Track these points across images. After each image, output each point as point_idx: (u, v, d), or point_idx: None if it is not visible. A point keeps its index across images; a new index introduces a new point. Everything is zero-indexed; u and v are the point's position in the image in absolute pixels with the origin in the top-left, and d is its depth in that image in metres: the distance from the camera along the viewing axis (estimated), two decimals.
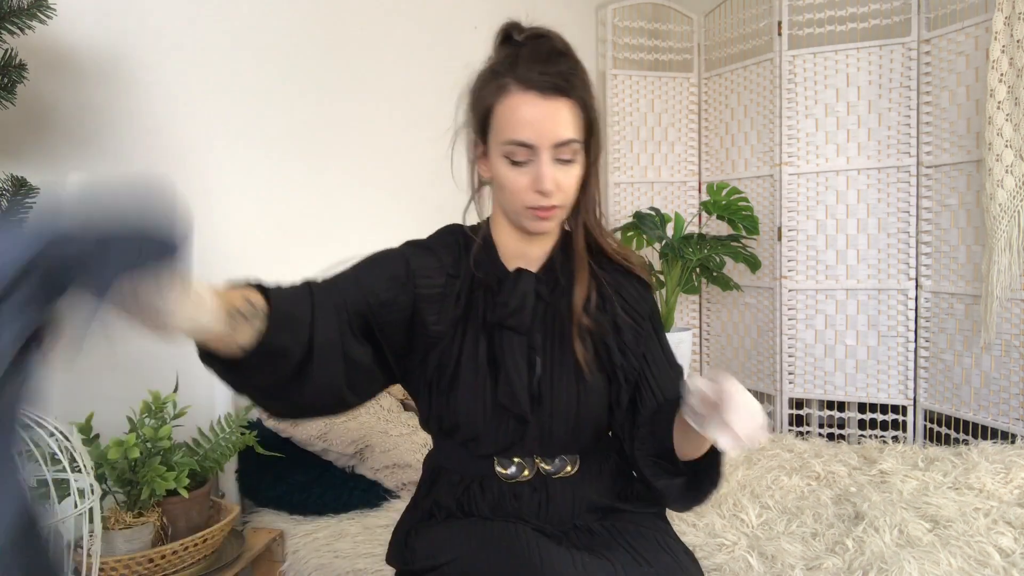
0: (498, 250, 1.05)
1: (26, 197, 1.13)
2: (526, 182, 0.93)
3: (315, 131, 2.00)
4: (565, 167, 0.94)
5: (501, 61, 0.95)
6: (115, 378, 1.53)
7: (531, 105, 0.91)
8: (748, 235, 2.74)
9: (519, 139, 0.92)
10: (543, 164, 0.91)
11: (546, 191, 0.92)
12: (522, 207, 0.96)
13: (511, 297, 1.00)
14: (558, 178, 0.93)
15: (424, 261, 1.02)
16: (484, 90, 0.96)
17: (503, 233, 1.05)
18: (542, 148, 0.91)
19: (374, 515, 1.64)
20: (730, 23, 3.07)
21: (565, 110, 0.92)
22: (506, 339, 0.99)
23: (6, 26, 1.09)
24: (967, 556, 1.32)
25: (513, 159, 0.93)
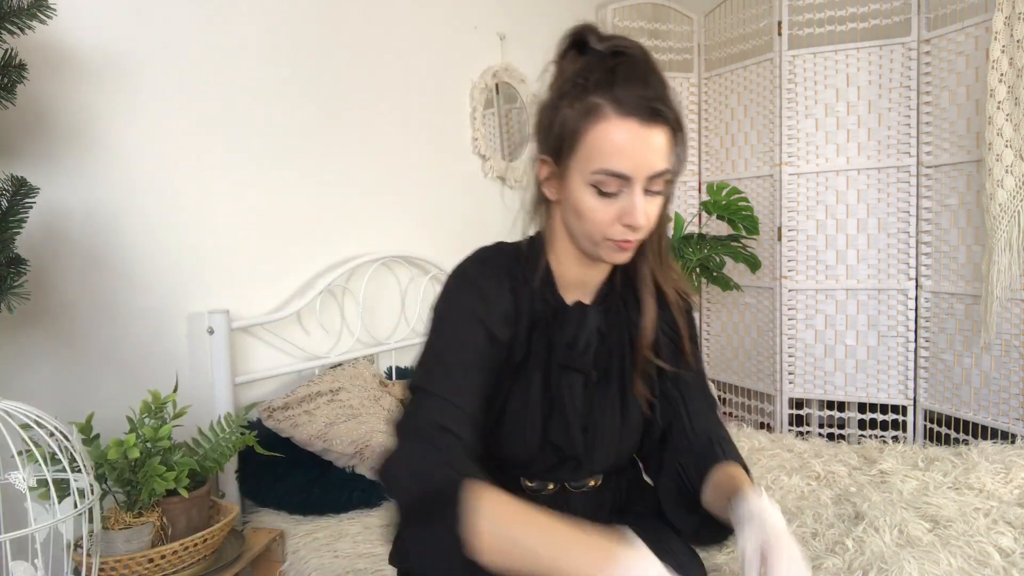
0: (555, 279, 0.97)
1: (26, 197, 1.13)
2: (613, 214, 0.85)
3: (314, 131, 2.00)
4: (653, 198, 0.86)
5: (589, 76, 0.84)
6: (115, 378, 1.53)
7: (630, 134, 0.82)
8: (748, 235, 2.74)
9: (615, 170, 0.83)
10: (636, 196, 0.84)
11: (638, 226, 0.85)
12: (602, 239, 0.88)
13: (578, 338, 0.95)
14: (647, 210, 0.85)
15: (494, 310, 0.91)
16: (571, 109, 0.85)
17: (564, 261, 0.96)
18: (637, 180, 0.83)
19: (374, 515, 1.64)
20: (730, 23, 3.07)
21: (663, 138, 0.84)
22: (565, 378, 0.95)
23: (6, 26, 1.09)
24: (967, 556, 1.32)
25: (603, 189, 0.84)
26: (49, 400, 1.39)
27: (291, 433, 1.67)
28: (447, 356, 0.88)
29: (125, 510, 1.26)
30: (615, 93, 0.82)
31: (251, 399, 1.77)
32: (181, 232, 1.66)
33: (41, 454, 1.00)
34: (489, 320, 0.89)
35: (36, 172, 1.35)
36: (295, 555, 1.52)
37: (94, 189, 1.49)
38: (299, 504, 1.64)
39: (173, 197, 1.65)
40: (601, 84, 0.83)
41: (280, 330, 1.89)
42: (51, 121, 1.42)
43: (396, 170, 2.28)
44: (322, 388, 1.81)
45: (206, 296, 1.72)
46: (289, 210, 1.93)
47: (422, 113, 2.38)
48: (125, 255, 1.55)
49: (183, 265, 1.67)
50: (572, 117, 0.84)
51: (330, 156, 2.05)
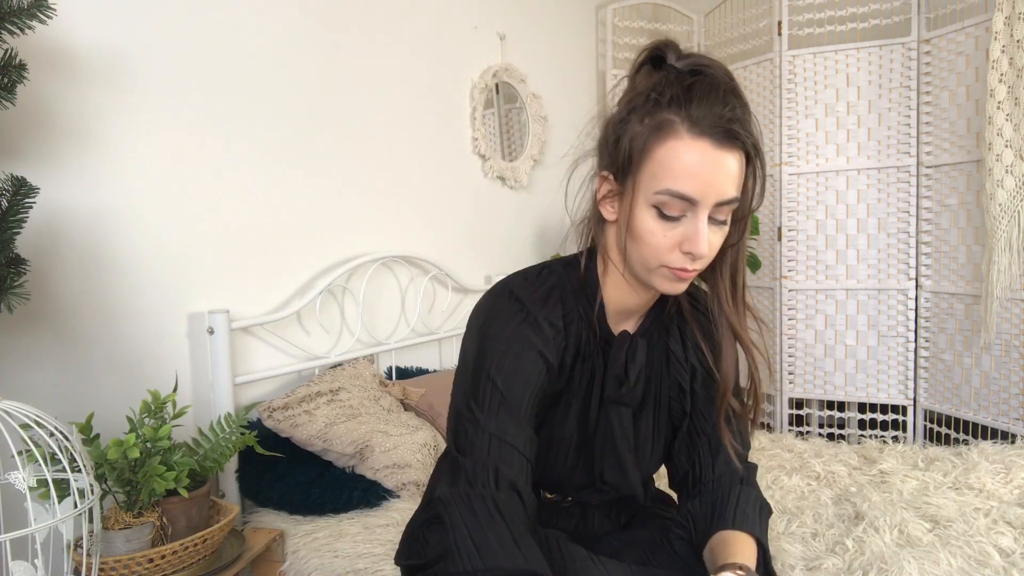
0: (606, 308, 0.93)
1: (26, 197, 1.13)
2: (674, 239, 0.80)
3: (314, 131, 2.00)
4: (718, 227, 0.82)
5: (664, 92, 0.79)
6: (115, 378, 1.53)
7: (702, 154, 0.77)
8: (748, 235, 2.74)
9: (682, 192, 0.78)
10: (700, 222, 0.79)
11: (700, 254, 0.79)
12: (659, 265, 0.82)
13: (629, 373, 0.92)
14: (711, 239, 0.81)
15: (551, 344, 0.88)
16: (640, 124, 0.80)
17: (615, 287, 0.91)
18: (703, 205, 0.78)
19: (374, 515, 1.64)
20: (730, 23, 3.07)
21: (736, 164, 0.79)
22: (614, 413, 0.93)
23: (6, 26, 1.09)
24: (967, 556, 1.32)
25: (665, 212, 0.79)
26: (49, 400, 1.39)
27: (291, 433, 1.67)
28: (505, 388, 0.83)
29: (125, 510, 1.26)
30: (690, 111, 0.77)
31: (251, 399, 1.77)
32: (181, 232, 1.66)
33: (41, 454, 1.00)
34: (545, 350, 0.86)
35: (36, 172, 1.35)
36: (295, 555, 1.52)
37: (94, 189, 1.49)
38: (299, 504, 1.64)
39: (173, 197, 1.65)
40: (675, 100, 0.78)
41: (280, 330, 1.89)
42: (51, 121, 1.42)
43: (396, 170, 2.28)
44: (322, 388, 1.81)
45: (206, 296, 1.72)
46: (289, 210, 1.93)
47: (422, 113, 2.38)
48: (125, 255, 1.55)
49: (183, 265, 1.67)
50: (641, 133, 0.80)
51: (330, 156, 2.05)
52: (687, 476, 1.00)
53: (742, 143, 0.79)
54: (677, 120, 0.78)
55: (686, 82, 0.79)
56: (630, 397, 0.93)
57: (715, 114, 0.77)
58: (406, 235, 2.31)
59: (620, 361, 0.92)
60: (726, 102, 0.78)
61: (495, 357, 0.84)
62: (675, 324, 0.98)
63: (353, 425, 1.72)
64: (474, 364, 0.86)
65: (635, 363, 0.92)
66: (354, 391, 1.86)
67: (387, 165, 2.24)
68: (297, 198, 1.95)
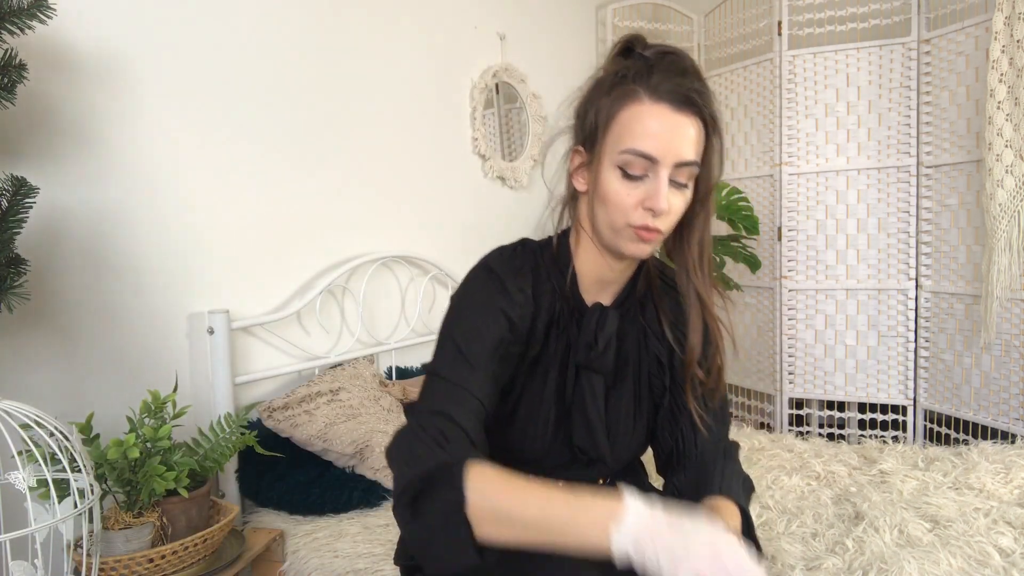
0: (578, 278, 0.98)
1: (26, 197, 1.13)
2: (637, 197, 0.86)
3: (314, 131, 2.01)
4: (678, 191, 0.87)
5: (630, 69, 0.87)
6: (115, 378, 1.53)
7: (660, 117, 0.84)
8: (748, 235, 2.74)
9: (642, 150, 0.84)
10: (660, 180, 0.85)
11: (659, 209, 0.85)
12: (624, 224, 0.88)
13: (599, 339, 0.95)
14: (672, 201, 0.86)
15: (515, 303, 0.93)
16: (607, 96, 0.88)
17: (587, 259, 0.97)
18: (663, 164, 0.85)
19: (374, 515, 1.64)
20: (730, 23, 3.07)
21: (693, 128, 0.86)
22: (585, 379, 0.96)
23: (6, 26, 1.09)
24: (967, 556, 1.32)
25: (628, 171, 0.86)
26: (49, 400, 1.39)
27: (291, 433, 1.67)
28: (463, 343, 0.88)
29: (125, 510, 1.26)
30: (651, 80, 0.85)
31: (251, 399, 1.77)
32: (181, 232, 1.66)
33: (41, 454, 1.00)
34: (509, 310, 0.91)
35: (36, 172, 1.35)
36: (295, 555, 1.52)
37: (94, 189, 1.49)
38: (299, 504, 1.64)
39: (173, 197, 1.65)
40: (639, 74, 0.86)
41: (280, 330, 1.89)
42: (51, 121, 1.42)
43: (396, 170, 2.28)
44: (322, 388, 1.81)
45: (206, 296, 1.72)
46: (289, 210, 1.93)
47: (422, 113, 2.38)
48: (125, 255, 1.55)
49: (183, 265, 1.67)
50: (606, 103, 0.87)
51: (330, 156, 2.05)
52: (671, 453, 1.02)
53: (700, 112, 0.86)
54: (640, 89, 0.85)
55: (650, 61, 0.87)
56: (600, 363, 0.95)
57: (674, 83, 0.84)
58: (406, 235, 2.31)
59: (591, 328, 0.95)
60: (685, 75, 0.85)
61: (460, 321, 0.91)
62: (651, 301, 1.01)
63: (353, 425, 1.72)
64: (441, 331, 0.92)
65: (604, 331, 0.95)
66: (354, 391, 1.86)
67: (387, 165, 2.24)
68: (297, 198, 1.95)
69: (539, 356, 0.96)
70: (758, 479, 1.79)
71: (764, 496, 1.69)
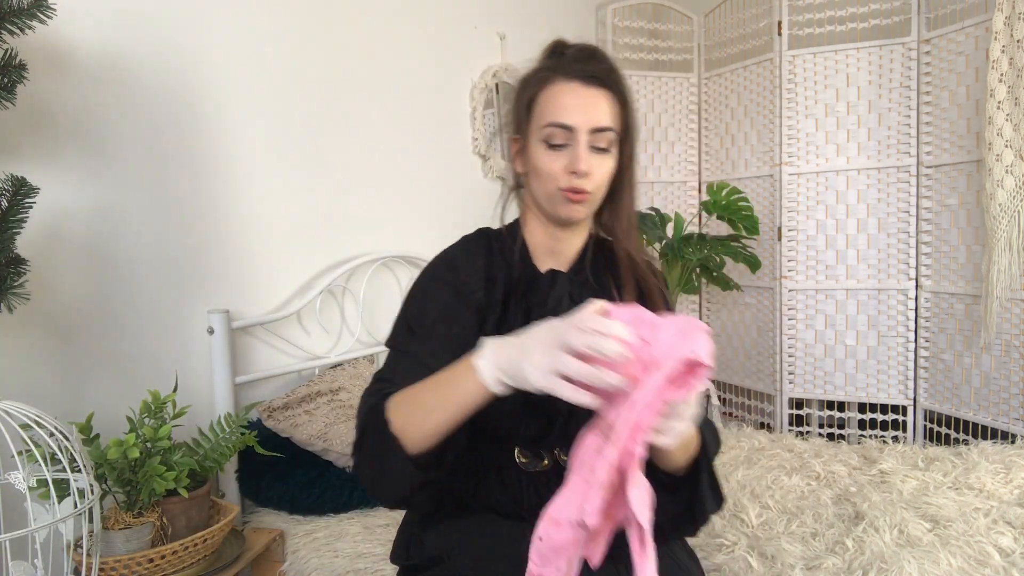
0: (530, 250, 1.07)
1: (26, 197, 1.13)
2: (563, 164, 0.97)
3: (313, 131, 2.01)
4: (600, 155, 0.98)
5: (548, 63, 1.00)
6: (115, 378, 1.53)
7: (572, 92, 0.96)
8: (748, 235, 2.74)
9: (560, 121, 0.96)
10: (580, 146, 0.96)
11: (581, 171, 0.95)
12: (555, 189, 0.98)
13: (548, 300, 1.02)
14: (592, 164, 0.97)
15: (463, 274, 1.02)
16: (528, 83, 1.01)
17: (535, 231, 1.07)
18: (580, 131, 0.96)
19: (374, 515, 1.64)
20: (730, 23, 3.07)
21: (604, 100, 0.97)
22: None
23: (6, 26, 1.09)
24: (967, 556, 1.32)
25: (551, 142, 0.97)
26: (49, 400, 1.39)
27: (291, 433, 1.67)
28: (412, 318, 1.00)
29: (125, 510, 1.26)
30: (563, 64, 0.98)
31: (251, 399, 1.77)
32: (181, 232, 1.67)
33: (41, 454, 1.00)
34: (455, 281, 1.01)
35: (36, 172, 1.35)
36: (295, 555, 1.52)
37: (94, 189, 1.49)
38: (299, 504, 1.64)
39: (173, 197, 1.65)
40: (555, 63, 0.99)
41: (280, 330, 1.89)
42: (51, 121, 1.42)
43: (396, 170, 2.28)
44: (322, 388, 1.81)
45: (206, 296, 1.72)
46: (289, 210, 1.93)
47: (422, 113, 2.38)
48: (125, 255, 1.55)
49: (183, 265, 1.67)
50: (529, 91, 1.00)
51: (330, 156, 2.05)
52: None
53: (609, 87, 0.97)
54: (554, 74, 0.98)
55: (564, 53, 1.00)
56: None
57: (583, 65, 0.97)
58: (406, 235, 2.31)
59: (543, 291, 1.04)
60: (593, 58, 0.98)
61: (410, 300, 1.02)
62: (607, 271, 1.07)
63: (353, 425, 1.72)
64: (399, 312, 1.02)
65: (555, 291, 1.03)
66: (354, 391, 1.86)
67: (387, 165, 2.24)
68: (297, 198, 1.96)
69: (500, 324, 1.01)
70: (758, 479, 1.79)
71: (764, 496, 1.69)
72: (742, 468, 1.87)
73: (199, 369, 1.69)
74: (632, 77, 3.21)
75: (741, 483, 1.77)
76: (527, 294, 1.03)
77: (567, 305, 1.01)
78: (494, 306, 1.02)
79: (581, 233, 1.07)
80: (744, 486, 1.76)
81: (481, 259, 1.04)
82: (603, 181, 0.99)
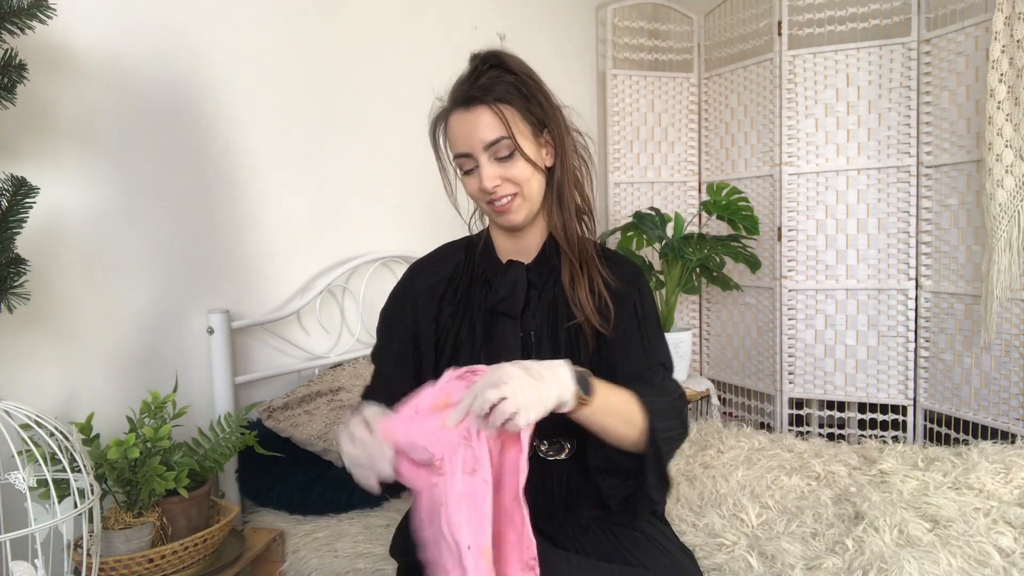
0: (496, 249, 1.16)
1: (26, 197, 1.13)
2: (476, 185, 1.05)
3: (313, 131, 2.01)
4: (506, 163, 1.03)
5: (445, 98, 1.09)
6: (115, 378, 1.53)
7: (458, 121, 1.04)
8: (748, 235, 2.74)
9: (458, 151, 1.06)
10: (482, 167, 1.03)
11: (486, 189, 1.03)
12: (485, 206, 1.08)
13: (501, 285, 1.10)
14: (500, 173, 1.03)
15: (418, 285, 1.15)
16: (434, 125, 1.11)
17: (498, 237, 1.16)
18: (476, 153, 1.03)
19: (374, 515, 1.64)
20: (730, 23, 3.07)
21: (486, 115, 1.02)
22: (499, 324, 1.09)
23: (6, 26, 1.09)
24: (967, 556, 1.32)
25: (464, 169, 1.07)
26: (49, 400, 1.39)
27: (291, 433, 1.67)
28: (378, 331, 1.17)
29: (125, 510, 1.26)
30: (451, 96, 1.06)
31: (251, 399, 1.77)
32: (181, 232, 1.67)
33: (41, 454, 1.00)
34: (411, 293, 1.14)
35: (36, 172, 1.35)
36: (295, 555, 1.52)
37: (94, 189, 1.49)
38: (299, 504, 1.64)
39: (173, 197, 1.65)
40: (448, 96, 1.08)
41: (280, 330, 1.89)
42: (51, 121, 1.42)
43: (396, 170, 2.28)
44: (322, 388, 1.81)
45: (206, 296, 1.72)
46: (289, 210, 1.93)
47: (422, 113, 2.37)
48: (125, 255, 1.55)
49: (183, 265, 1.67)
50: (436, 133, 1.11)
51: (330, 156, 2.05)
52: None
53: (484, 100, 1.02)
54: (447, 108, 1.07)
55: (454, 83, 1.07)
56: (507, 306, 1.09)
57: (458, 90, 1.05)
58: (406, 235, 2.31)
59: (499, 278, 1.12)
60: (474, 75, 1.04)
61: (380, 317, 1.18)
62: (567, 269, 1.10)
63: None
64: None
65: (507, 278, 1.10)
66: (354, 391, 1.86)
67: (387, 165, 2.24)
68: (297, 198, 1.96)
69: (466, 310, 1.11)
70: (758, 479, 1.79)
71: (764, 496, 1.69)
72: (742, 468, 1.87)
73: (199, 369, 1.69)
74: (632, 77, 3.21)
75: (741, 483, 1.77)
76: (490, 280, 1.13)
77: (523, 290, 1.09)
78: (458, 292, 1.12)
79: (537, 231, 1.13)
80: (744, 486, 1.76)
81: (450, 265, 1.15)
82: (523, 179, 1.04)
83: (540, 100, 1.05)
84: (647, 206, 3.07)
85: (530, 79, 1.05)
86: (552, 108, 1.07)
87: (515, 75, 1.04)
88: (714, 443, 2.09)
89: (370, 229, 2.19)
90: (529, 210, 1.07)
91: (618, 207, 3.25)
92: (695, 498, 1.70)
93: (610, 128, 3.20)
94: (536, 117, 1.05)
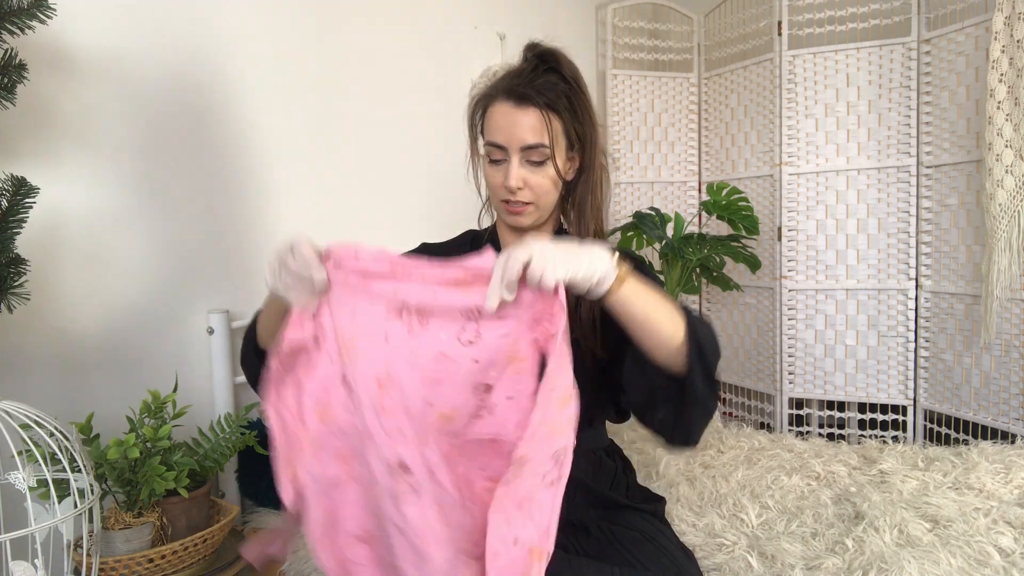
0: (501, 245, 1.17)
1: (26, 197, 1.13)
2: (500, 178, 1.07)
3: (312, 131, 2.00)
4: (535, 168, 1.05)
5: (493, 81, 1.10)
6: (115, 378, 1.53)
7: (503, 112, 1.05)
8: (748, 235, 2.74)
9: (494, 141, 1.06)
10: (512, 164, 1.05)
11: (511, 188, 1.05)
12: (498, 201, 1.10)
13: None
14: (526, 177, 1.05)
15: None
16: (476, 103, 1.13)
17: (504, 233, 1.19)
18: (511, 150, 1.04)
19: None
20: (730, 23, 3.07)
21: (534, 118, 1.03)
22: None
23: (6, 26, 1.09)
24: (967, 556, 1.32)
25: (492, 158, 1.08)
26: (49, 400, 1.39)
27: None
28: None
29: (125, 510, 1.26)
30: (501, 83, 1.07)
31: (251, 399, 1.77)
32: (181, 232, 1.66)
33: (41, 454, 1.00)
34: None
35: (36, 172, 1.35)
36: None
37: (94, 189, 1.49)
38: None
39: (173, 197, 1.65)
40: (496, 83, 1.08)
41: None
42: (51, 121, 1.42)
43: (396, 170, 2.28)
44: None
45: (206, 296, 1.72)
46: (288, 210, 1.93)
47: (422, 113, 2.38)
48: (125, 255, 1.55)
49: (183, 265, 1.67)
50: (476, 110, 1.13)
51: (329, 156, 2.05)
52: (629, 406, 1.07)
53: (537, 103, 1.02)
54: (493, 94, 1.08)
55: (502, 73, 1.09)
56: None
57: (512, 83, 1.05)
58: (406, 235, 2.30)
59: None
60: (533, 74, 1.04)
61: None
62: None
63: None
64: None
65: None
66: None
67: (387, 165, 2.24)
68: (297, 198, 1.95)
69: None
70: (758, 479, 1.79)
71: (764, 496, 1.69)
72: (742, 468, 1.87)
73: (199, 369, 1.69)
74: (632, 77, 3.21)
75: (741, 483, 1.77)
76: None
77: None
78: None
79: (543, 232, 1.15)
80: (744, 486, 1.76)
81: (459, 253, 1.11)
82: (543, 191, 1.06)
83: (584, 119, 1.07)
84: (647, 206, 3.07)
85: (582, 93, 1.07)
86: (592, 129, 1.08)
87: (568, 84, 1.05)
88: (714, 443, 2.09)
89: (371, 228, 2.19)
90: (538, 217, 1.10)
91: (618, 207, 3.25)
92: (695, 498, 1.70)
93: (610, 128, 3.20)
94: (576, 134, 1.06)
